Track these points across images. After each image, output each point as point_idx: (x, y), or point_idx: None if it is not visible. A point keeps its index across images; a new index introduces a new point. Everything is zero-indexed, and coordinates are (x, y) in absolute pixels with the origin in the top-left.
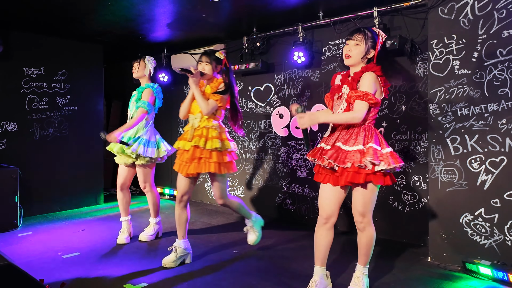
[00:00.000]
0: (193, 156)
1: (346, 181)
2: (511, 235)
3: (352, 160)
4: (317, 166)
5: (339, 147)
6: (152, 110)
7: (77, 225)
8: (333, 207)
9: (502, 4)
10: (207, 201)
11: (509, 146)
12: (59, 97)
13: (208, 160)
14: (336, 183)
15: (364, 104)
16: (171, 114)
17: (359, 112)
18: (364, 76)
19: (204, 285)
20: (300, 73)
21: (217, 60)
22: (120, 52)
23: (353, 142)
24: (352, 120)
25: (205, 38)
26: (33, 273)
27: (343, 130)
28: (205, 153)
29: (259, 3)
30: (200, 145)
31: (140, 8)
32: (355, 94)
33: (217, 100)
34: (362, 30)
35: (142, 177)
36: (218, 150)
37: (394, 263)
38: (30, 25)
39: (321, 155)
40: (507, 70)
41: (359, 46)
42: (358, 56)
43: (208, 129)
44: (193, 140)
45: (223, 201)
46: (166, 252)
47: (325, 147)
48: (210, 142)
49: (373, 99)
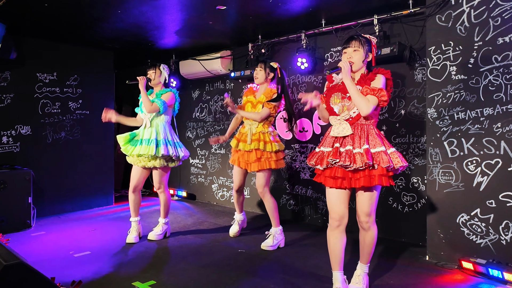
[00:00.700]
0: (256, 156)
1: (365, 183)
2: (505, 235)
3: (378, 160)
4: (332, 169)
5: (368, 148)
6: (166, 110)
7: (88, 225)
8: (345, 208)
9: (497, 12)
10: (214, 202)
11: (504, 149)
12: (71, 102)
13: (268, 160)
14: (350, 185)
15: (375, 99)
16: (179, 117)
17: (371, 104)
18: (378, 76)
19: (209, 282)
20: (303, 79)
21: (271, 68)
22: (130, 58)
23: (374, 144)
24: (363, 107)
25: (212, 45)
26: (45, 271)
27: (356, 132)
28: (265, 154)
29: (264, 11)
30: (260, 148)
31: (149, 15)
32: (370, 89)
33: (271, 108)
34: (356, 37)
35: (158, 178)
36: (276, 152)
37: (394, 262)
38: (42, 32)
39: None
40: (502, 75)
41: (359, 52)
42: (360, 61)
43: (264, 134)
44: (252, 143)
45: (262, 189)
46: (175, 251)
47: (342, 149)
48: (269, 145)
49: (386, 96)
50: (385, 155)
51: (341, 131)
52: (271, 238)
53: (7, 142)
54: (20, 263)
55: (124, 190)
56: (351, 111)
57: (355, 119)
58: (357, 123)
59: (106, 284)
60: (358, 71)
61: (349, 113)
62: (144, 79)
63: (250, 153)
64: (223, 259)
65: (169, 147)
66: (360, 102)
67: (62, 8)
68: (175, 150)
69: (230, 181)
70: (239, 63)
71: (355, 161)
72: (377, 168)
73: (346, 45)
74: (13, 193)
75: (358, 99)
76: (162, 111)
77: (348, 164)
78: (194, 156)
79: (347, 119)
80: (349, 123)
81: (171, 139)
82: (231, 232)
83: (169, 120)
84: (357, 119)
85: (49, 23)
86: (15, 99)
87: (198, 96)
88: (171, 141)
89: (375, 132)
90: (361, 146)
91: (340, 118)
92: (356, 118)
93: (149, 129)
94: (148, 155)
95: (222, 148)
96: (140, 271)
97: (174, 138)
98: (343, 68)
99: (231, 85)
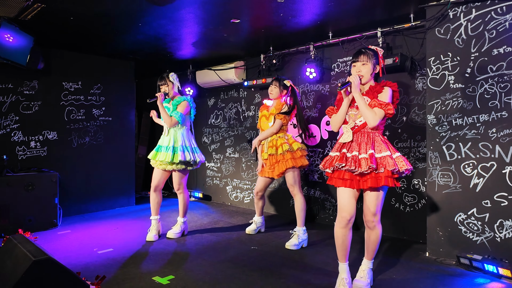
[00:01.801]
0: (271, 162)
1: (372, 184)
2: (500, 232)
3: (384, 164)
4: (340, 172)
5: (373, 153)
6: (184, 120)
7: (111, 224)
8: (353, 207)
9: (492, 25)
10: (228, 202)
11: (498, 152)
12: (95, 109)
13: (283, 161)
14: (358, 186)
15: (382, 112)
16: (196, 124)
17: (377, 117)
18: (385, 89)
19: (224, 277)
20: (311, 87)
21: (284, 86)
22: (150, 68)
23: (379, 149)
24: (370, 120)
25: (226, 56)
26: (71, 267)
27: (362, 139)
28: (279, 157)
29: (275, 24)
30: (275, 153)
31: (168, 28)
32: (378, 103)
33: (282, 119)
34: (364, 51)
35: (177, 180)
36: (289, 150)
37: (396, 258)
38: (68, 44)
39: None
40: (497, 84)
41: (367, 65)
42: (368, 74)
43: (277, 140)
44: (268, 150)
45: (292, 188)
46: (192, 248)
47: (348, 154)
48: (281, 148)
49: (392, 110)
50: (390, 159)
51: (345, 138)
52: (295, 237)
53: (35, 146)
54: (48, 259)
55: (144, 192)
56: (357, 120)
57: (360, 127)
58: (363, 130)
59: (127, 279)
60: (367, 83)
61: (355, 122)
62: (162, 95)
63: (268, 160)
64: (237, 256)
65: (186, 153)
66: (367, 115)
67: (86, 22)
68: (193, 155)
69: (243, 183)
70: (252, 73)
71: (360, 165)
72: (383, 171)
73: (355, 59)
74: (41, 194)
75: (366, 112)
76: (181, 122)
77: (353, 169)
78: (209, 160)
79: (353, 127)
80: (355, 130)
81: (188, 145)
82: (248, 230)
83: (187, 127)
84: (362, 127)
85: (74, 35)
86: (43, 106)
87: (213, 104)
88: (189, 147)
89: (380, 139)
90: (367, 152)
91: (347, 126)
92: (362, 126)
93: (167, 137)
94: (165, 161)
95: (236, 152)
96: (160, 266)
97: (192, 143)
98: (353, 82)
99: (244, 94)
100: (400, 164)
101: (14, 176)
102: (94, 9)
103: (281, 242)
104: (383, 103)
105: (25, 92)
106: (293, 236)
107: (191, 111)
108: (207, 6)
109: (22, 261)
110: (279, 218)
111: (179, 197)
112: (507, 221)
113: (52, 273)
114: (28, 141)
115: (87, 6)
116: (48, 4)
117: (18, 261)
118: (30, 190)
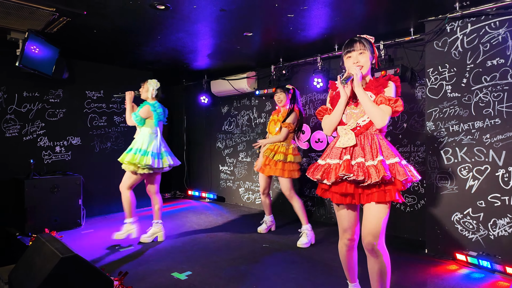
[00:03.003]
0: (265, 162)
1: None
2: (493, 231)
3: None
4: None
5: (383, 160)
6: (143, 123)
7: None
8: (356, 225)
9: (486, 39)
10: (241, 203)
11: (492, 156)
12: (116, 116)
13: (274, 167)
14: (359, 201)
15: (390, 110)
16: (210, 130)
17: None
18: (390, 84)
19: (238, 273)
20: (318, 96)
21: (287, 90)
22: (167, 78)
23: (387, 155)
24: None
25: (239, 66)
26: (95, 263)
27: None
28: (272, 162)
29: (284, 37)
30: (269, 156)
31: (185, 41)
32: (385, 98)
33: (287, 126)
34: (357, 39)
35: (148, 183)
36: (282, 161)
37: (397, 255)
38: (91, 55)
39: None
40: (491, 93)
41: (365, 54)
42: (367, 64)
43: (278, 146)
44: (266, 151)
45: (287, 194)
46: (207, 246)
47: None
48: (277, 155)
49: (401, 106)
50: (400, 167)
51: (346, 141)
52: (304, 236)
53: (59, 151)
54: (74, 256)
55: (162, 194)
56: (360, 120)
57: (364, 128)
58: (367, 132)
59: (148, 274)
60: (366, 76)
61: (357, 121)
62: (132, 94)
63: (263, 158)
64: (249, 253)
65: (135, 155)
66: (375, 114)
67: (108, 35)
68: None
69: (255, 185)
70: (263, 83)
71: (370, 175)
72: (393, 182)
73: (349, 49)
74: (65, 196)
75: (373, 110)
76: (139, 124)
77: (362, 179)
78: (223, 164)
79: (354, 128)
80: (357, 132)
81: (144, 148)
82: (259, 230)
83: (155, 131)
84: (366, 128)
85: (97, 47)
86: (67, 113)
87: (227, 111)
88: (142, 150)
89: (386, 143)
90: (374, 158)
91: (346, 127)
92: (365, 127)
93: (136, 138)
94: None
95: (248, 157)
96: (178, 263)
97: (150, 147)
98: (355, 76)
99: (255, 102)
100: (410, 173)
101: (41, 179)
102: (116, 23)
103: (290, 240)
104: (392, 98)
105: (50, 100)
106: (302, 235)
107: (155, 116)
108: (222, 21)
109: (50, 258)
110: (287, 217)
111: (151, 200)
112: (500, 220)
113: (79, 269)
114: (54, 146)
115: (109, 20)
116: (73, 18)
117: (46, 258)
118: (55, 192)
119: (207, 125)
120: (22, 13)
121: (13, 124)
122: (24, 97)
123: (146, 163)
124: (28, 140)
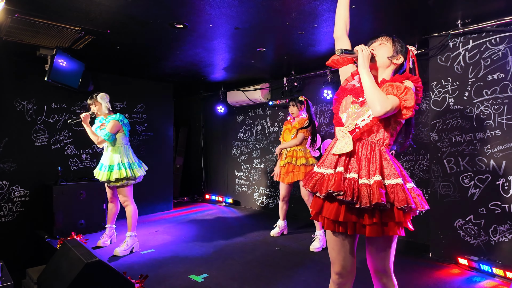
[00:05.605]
0: (287, 170)
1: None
2: (494, 236)
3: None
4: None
5: (380, 181)
6: (114, 139)
7: (152, 227)
8: (351, 260)
9: (487, 54)
10: (255, 207)
11: (492, 166)
12: (138, 125)
13: (297, 172)
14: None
15: (396, 101)
16: (226, 138)
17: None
18: (407, 83)
19: (252, 276)
20: (328, 107)
21: (300, 102)
22: (186, 89)
23: (388, 173)
24: (377, 104)
25: (253, 79)
26: (117, 266)
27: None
28: (296, 168)
29: (296, 52)
30: (292, 163)
31: (202, 56)
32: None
33: (304, 132)
34: (387, 35)
35: (121, 195)
36: (304, 164)
37: (402, 258)
38: (115, 69)
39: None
40: (491, 106)
41: (385, 46)
42: (384, 57)
43: (297, 152)
44: (286, 159)
45: (306, 199)
46: (223, 249)
47: (348, 175)
48: (299, 160)
49: (411, 101)
50: (401, 191)
51: (342, 146)
52: (317, 240)
53: (85, 158)
54: (98, 261)
55: (181, 198)
56: (359, 120)
57: (363, 130)
58: (367, 140)
59: (167, 276)
60: (381, 72)
61: (356, 122)
62: (88, 116)
63: (284, 167)
64: (263, 256)
65: (122, 170)
66: (374, 97)
67: (131, 50)
68: (131, 171)
69: (268, 190)
70: (276, 94)
71: (361, 196)
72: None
73: (372, 40)
74: (91, 201)
75: (373, 92)
76: (110, 141)
77: (349, 200)
78: (238, 170)
79: (352, 130)
80: (355, 136)
81: (126, 161)
82: (272, 233)
83: (124, 143)
84: (367, 132)
85: (120, 61)
86: (92, 123)
87: (242, 120)
88: (126, 163)
89: (390, 158)
90: (370, 176)
91: (344, 129)
92: (366, 130)
93: (106, 154)
94: (102, 180)
95: (262, 163)
96: (195, 265)
97: (130, 159)
98: (361, 53)
99: (269, 112)
100: (414, 200)
101: (68, 185)
102: (137, 40)
103: (302, 244)
104: (400, 87)
105: (77, 111)
106: (315, 239)
107: (123, 128)
108: (236, 38)
109: (76, 263)
110: (300, 221)
111: (126, 211)
112: (500, 227)
113: (102, 274)
114: (80, 154)
115: (132, 37)
116: (97, 36)
117: (72, 263)
118: (81, 197)
119: (224, 133)
120: (50, 32)
121: (42, 133)
122: (52, 108)
123: (139, 174)
124: (56, 149)
